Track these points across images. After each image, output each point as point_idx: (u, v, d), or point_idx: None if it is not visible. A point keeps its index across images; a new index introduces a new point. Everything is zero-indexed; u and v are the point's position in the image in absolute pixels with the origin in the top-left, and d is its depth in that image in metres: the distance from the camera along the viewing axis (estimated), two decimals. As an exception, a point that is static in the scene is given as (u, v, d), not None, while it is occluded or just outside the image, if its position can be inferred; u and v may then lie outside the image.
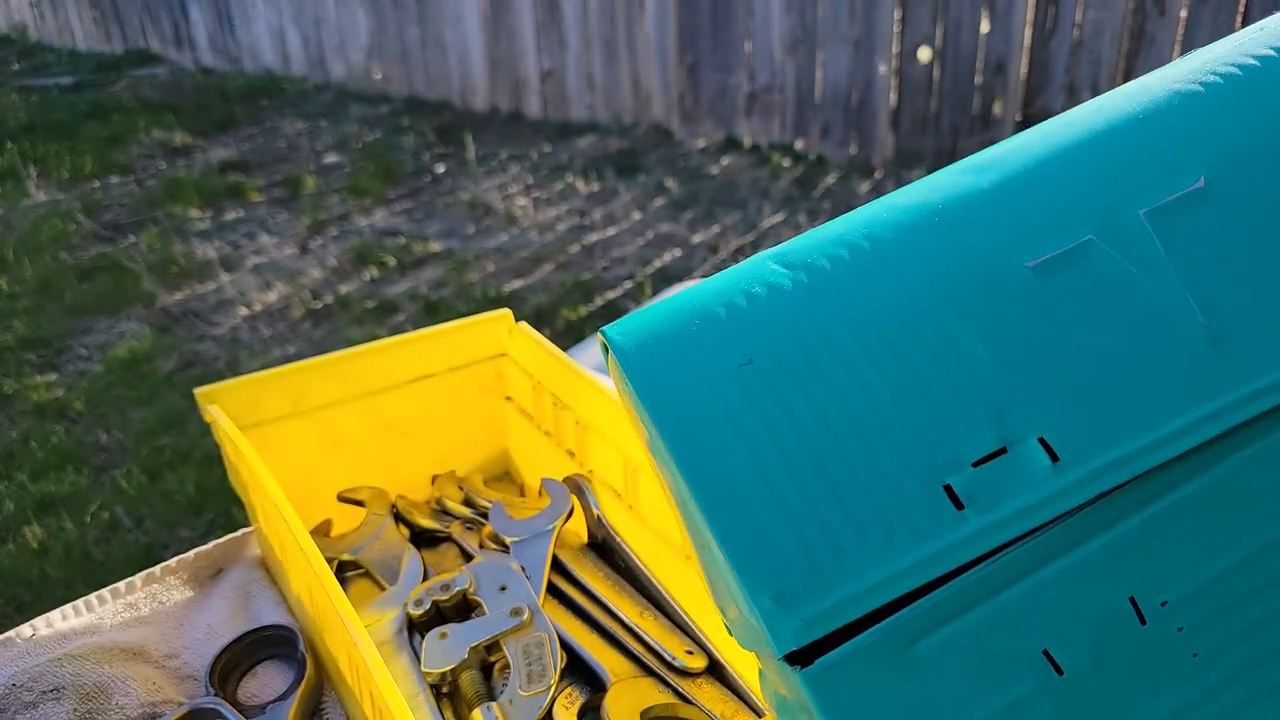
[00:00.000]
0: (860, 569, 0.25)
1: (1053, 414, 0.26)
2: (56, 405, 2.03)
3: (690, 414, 0.28)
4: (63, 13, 5.88)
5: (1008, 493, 0.26)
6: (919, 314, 0.28)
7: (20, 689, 0.46)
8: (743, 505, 0.26)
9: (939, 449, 0.26)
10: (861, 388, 0.27)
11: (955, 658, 0.25)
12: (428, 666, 0.42)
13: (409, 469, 0.59)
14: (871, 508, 0.26)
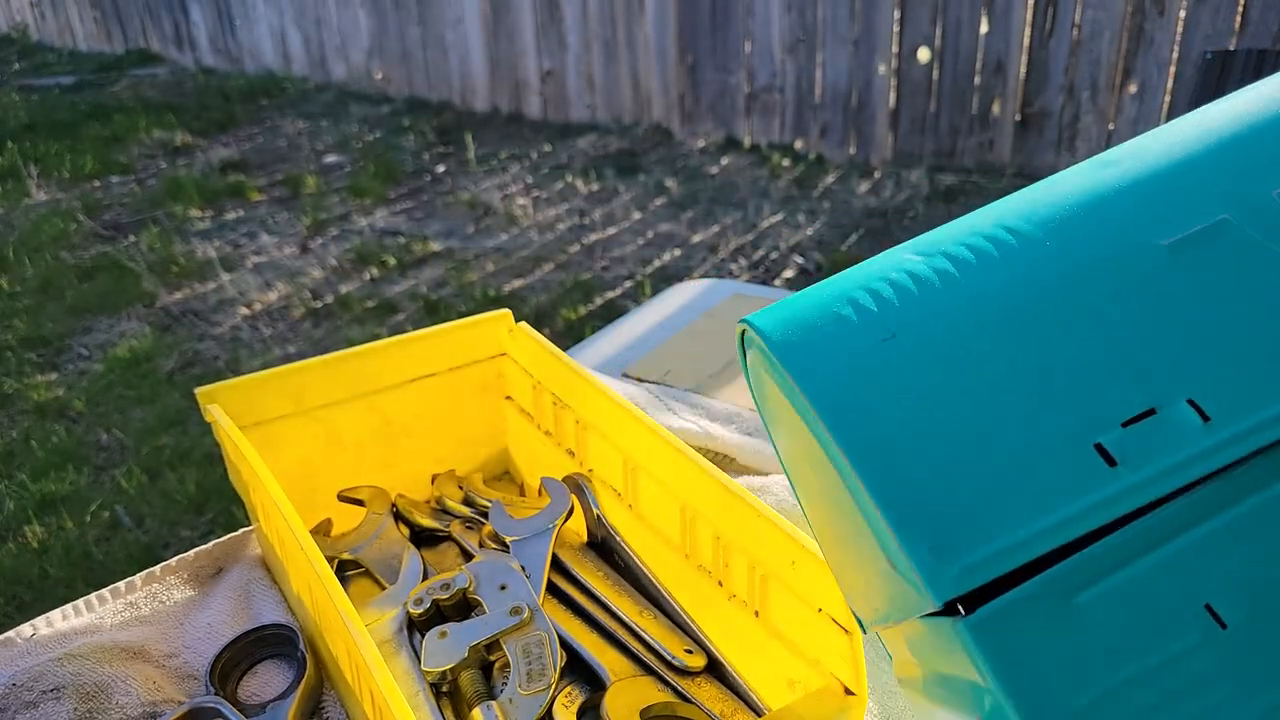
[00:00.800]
0: (1015, 523, 0.26)
1: (1199, 377, 0.27)
2: (57, 404, 2.03)
3: (841, 389, 0.29)
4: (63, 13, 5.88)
5: (1159, 450, 0.26)
6: (1059, 289, 0.29)
7: (21, 688, 0.46)
8: (898, 468, 0.27)
9: (1087, 410, 0.27)
10: (1007, 356, 0.28)
11: (1117, 610, 0.25)
12: (428, 665, 0.42)
13: (409, 468, 0.59)
14: (1023, 466, 0.27)
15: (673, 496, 0.45)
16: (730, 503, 0.41)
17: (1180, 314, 0.28)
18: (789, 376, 0.30)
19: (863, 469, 0.27)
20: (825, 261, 2.48)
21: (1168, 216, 0.30)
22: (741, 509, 0.41)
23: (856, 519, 0.28)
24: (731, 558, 0.42)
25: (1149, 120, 2.73)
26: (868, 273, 0.32)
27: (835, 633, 0.36)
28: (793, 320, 0.31)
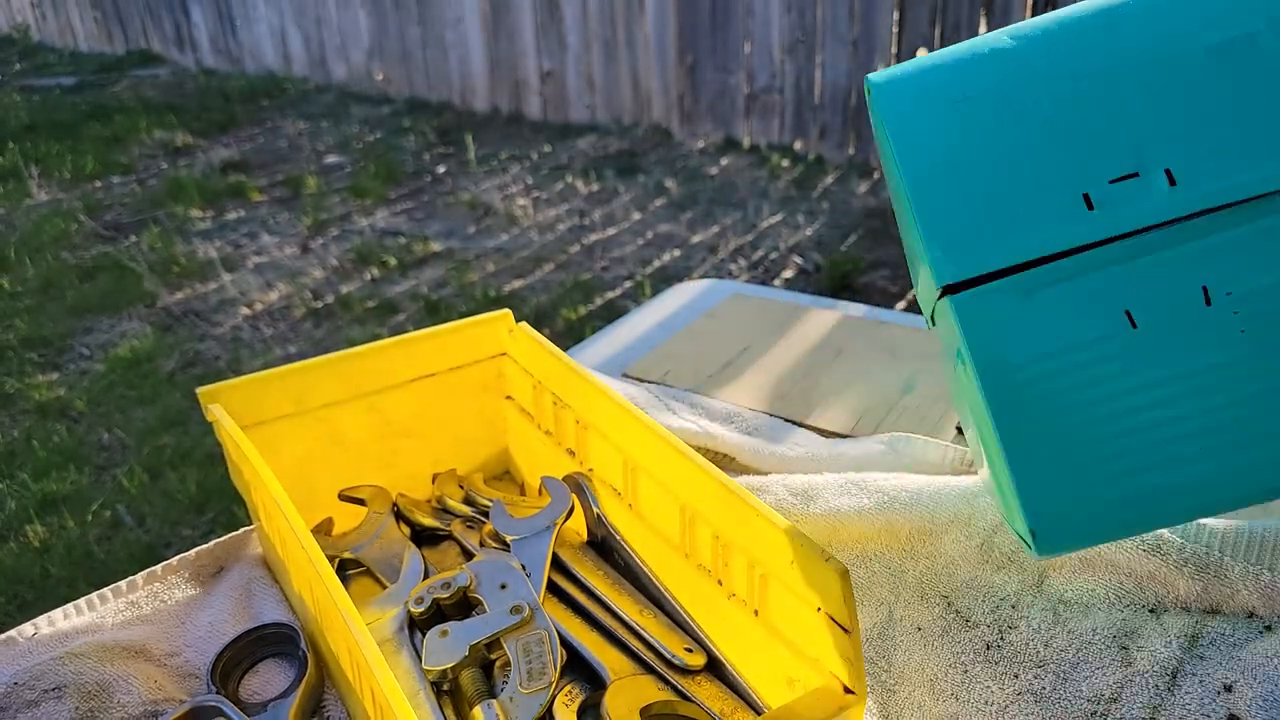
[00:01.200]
0: (1006, 238, 0.36)
1: (1182, 153, 0.35)
2: (58, 404, 2.03)
3: (912, 127, 0.39)
4: (64, 13, 5.88)
5: (1129, 203, 0.35)
6: (1102, 71, 0.37)
7: (22, 687, 0.46)
8: (937, 187, 0.38)
9: (1088, 168, 0.36)
10: (1041, 120, 0.37)
11: (1061, 306, 0.36)
12: (428, 664, 0.42)
13: (410, 468, 0.60)
14: (1026, 201, 0.36)
15: (672, 496, 0.46)
16: (730, 502, 0.41)
17: (1195, 105, 0.35)
18: (878, 112, 0.40)
19: (912, 189, 0.38)
20: (824, 262, 2.48)
21: (1211, 24, 0.36)
22: (741, 508, 0.41)
23: (910, 224, 0.39)
24: (731, 557, 0.42)
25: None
26: (971, 45, 0.40)
27: (835, 632, 0.36)
28: (899, 77, 0.41)
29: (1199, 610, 0.48)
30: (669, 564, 0.48)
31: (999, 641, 0.48)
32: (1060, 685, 0.45)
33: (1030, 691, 0.45)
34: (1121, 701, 0.43)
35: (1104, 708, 0.43)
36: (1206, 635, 0.47)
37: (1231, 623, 0.47)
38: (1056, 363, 0.36)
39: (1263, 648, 0.45)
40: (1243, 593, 0.48)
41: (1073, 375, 0.36)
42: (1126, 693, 0.44)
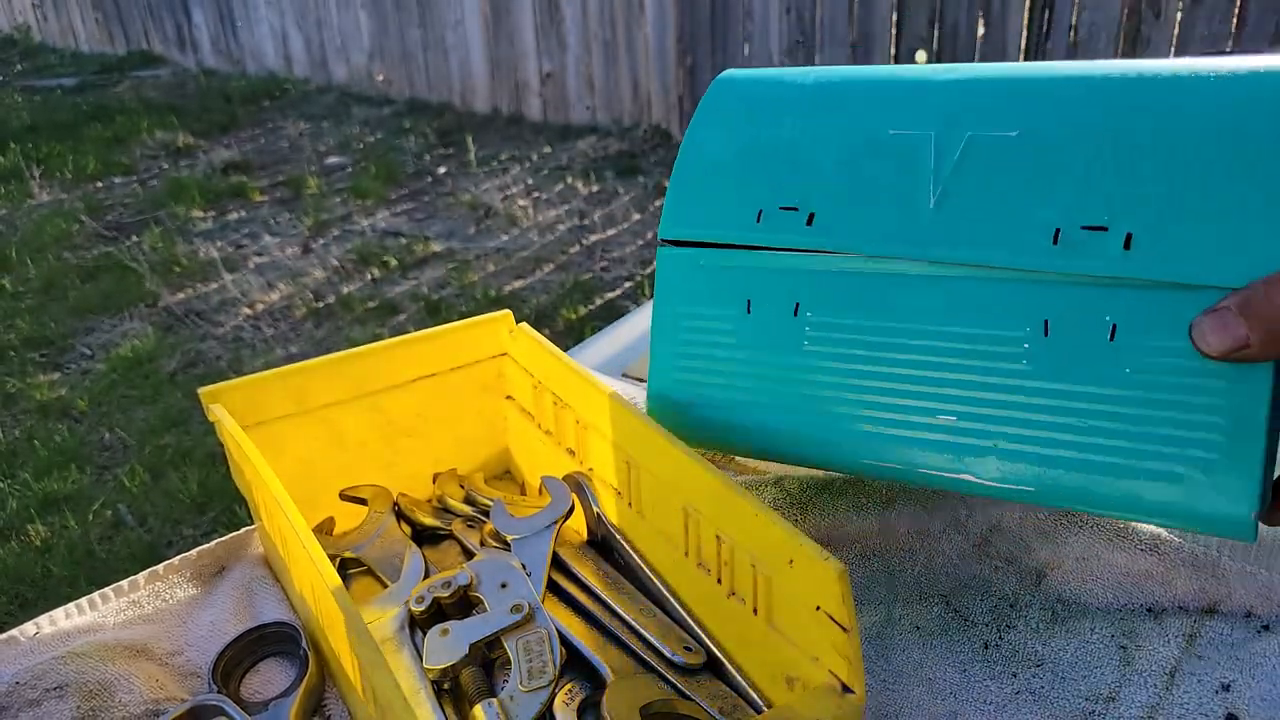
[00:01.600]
0: (702, 223, 0.50)
1: (830, 204, 0.46)
2: (60, 404, 2.03)
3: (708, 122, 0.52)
4: (65, 14, 5.89)
5: (782, 227, 0.47)
6: (824, 124, 0.48)
7: (24, 686, 0.46)
8: (689, 168, 0.51)
9: (774, 193, 0.48)
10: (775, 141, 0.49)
11: (708, 282, 0.50)
12: (429, 663, 0.43)
13: (411, 467, 0.60)
14: (727, 203, 0.49)
15: (672, 495, 0.46)
16: (730, 501, 0.42)
17: (856, 169, 0.46)
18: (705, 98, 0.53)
19: (678, 161, 0.52)
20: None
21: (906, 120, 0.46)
22: (741, 507, 0.41)
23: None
24: (731, 556, 0.43)
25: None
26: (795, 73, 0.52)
27: (834, 631, 0.37)
28: (740, 80, 0.53)
29: (1197, 610, 0.48)
30: (669, 563, 0.48)
31: (997, 641, 0.48)
32: (1058, 684, 0.45)
33: (1028, 690, 0.45)
34: (1120, 701, 0.44)
35: (1102, 707, 0.43)
36: (1204, 635, 0.47)
37: (1229, 622, 0.47)
38: (697, 317, 0.50)
39: (1261, 647, 0.45)
40: (1240, 592, 0.48)
41: (701, 327, 0.50)
42: (1125, 692, 0.44)
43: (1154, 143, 0.39)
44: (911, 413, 0.43)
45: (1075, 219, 0.39)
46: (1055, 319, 0.40)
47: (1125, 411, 0.39)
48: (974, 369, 0.42)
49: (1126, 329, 0.38)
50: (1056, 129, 0.42)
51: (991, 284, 0.41)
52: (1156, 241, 0.37)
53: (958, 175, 0.43)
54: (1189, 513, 0.38)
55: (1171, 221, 0.38)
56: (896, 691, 0.45)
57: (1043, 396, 0.40)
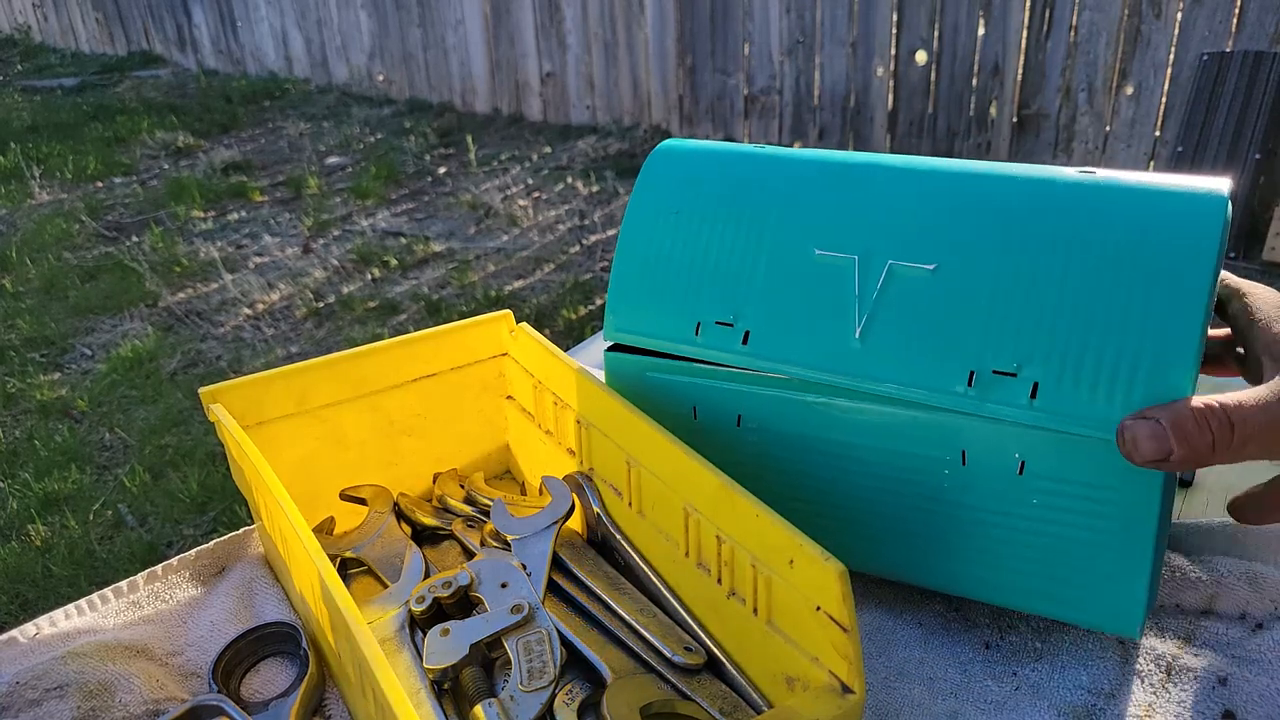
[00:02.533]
0: (645, 331, 0.51)
1: (763, 323, 0.48)
2: (60, 404, 2.03)
3: (642, 212, 0.52)
4: (66, 14, 5.89)
5: (720, 343, 0.49)
6: (755, 234, 0.49)
7: (24, 686, 0.46)
8: (629, 268, 0.52)
9: (711, 306, 0.49)
10: (708, 248, 0.50)
11: (661, 387, 0.52)
12: (429, 663, 0.43)
13: (411, 467, 0.60)
14: (669, 312, 0.50)
15: (673, 495, 0.46)
16: (730, 501, 0.42)
17: (784, 287, 0.48)
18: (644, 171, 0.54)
19: (617, 257, 0.53)
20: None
21: (832, 238, 0.47)
22: (741, 507, 0.41)
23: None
24: (731, 556, 0.43)
25: (1145, 122, 2.74)
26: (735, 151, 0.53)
27: (834, 631, 0.37)
28: (679, 154, 0.54)
29: (1194, 610, 0.48)
30: (669, 563, 0.48)
31: (998, 641, 0.48)
32: (1058, 677, 0.45)
33: (1028, 685, 0.45)
34: (1119, 698, 0.44)
35: (1102, 702, 0.43)
36: (1200, 634, 0.47)
37: (1225, 622, 0.47)
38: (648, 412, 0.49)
39: (1256, 644, 0.45)
40: (1237, 592, 0.48)
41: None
42: (1123, 689, 0.44)
43: (1059, 283, 0.41)
44: (845, 513, 0.48)
45: (987, 362, 0.42)
46: (971, 451, 0.44)
47: (1033, 537, 0.44)
48: (901, 480, 0.46)
49: (1033, 466, 0.42)
50: (971, 264, 0.43)
51: (916, 411, 0.44)
52: (1060, 389, 0.40)
53: (880, 305, 0.45)
54: (1087, 621, 0.45)
55: (1071, 370, 0.40)
56: (897, 691, 0.45)
57: (963, 511, 0.45)
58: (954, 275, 0.43)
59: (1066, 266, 0.41)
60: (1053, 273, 0.41)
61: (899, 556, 0.48)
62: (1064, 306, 0.41)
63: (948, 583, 0.47)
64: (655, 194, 0.52)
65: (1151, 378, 0.39)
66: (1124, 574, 0.42)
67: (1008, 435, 0.42)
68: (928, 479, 0.45)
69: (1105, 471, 0.41)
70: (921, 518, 0.46)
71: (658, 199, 0.52)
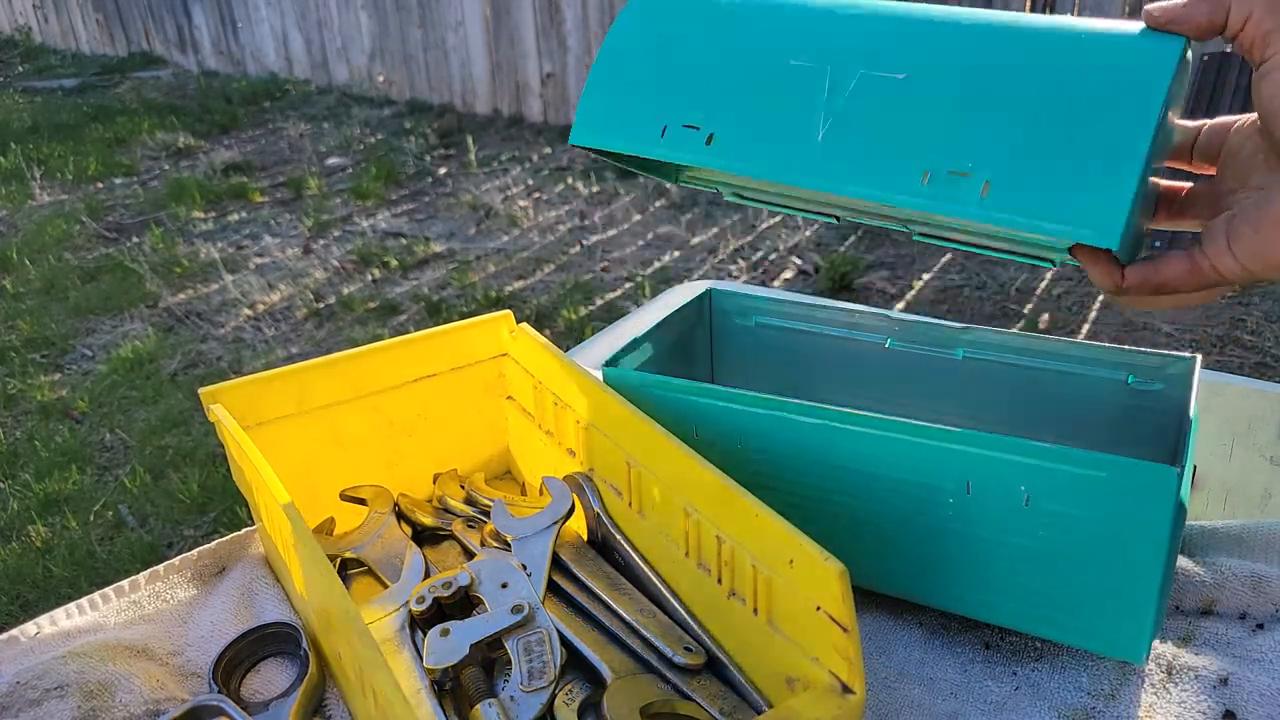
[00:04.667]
0: (614, 133, 0.51)
1: (729, 126, 0.48)
2: (61, 405, 2.03)
3: (625, 32, 0.52)
4: (66, 15, 5.89)
5: (682, 144, 0.48)
6: (733, 46, 0.49)
7: (25, 686, 0.46)
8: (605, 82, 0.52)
9: (677, 110, 0.49)
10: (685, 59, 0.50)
11: (662, 404, 0.52)
12: (429, 663, 0.43)
13: (411, 468, 0.60)
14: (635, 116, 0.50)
15: (673, 495, 0.46)
16: (730, 501, 0.42)
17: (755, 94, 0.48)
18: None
19: (596, 62, 0.52)
20: (823, 263, 2.48)
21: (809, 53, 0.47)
22: (741, 507, 0.41)
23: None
24: (731, 556, 0.43)
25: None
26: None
27: (834, 631, 0.37)
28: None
29: (1194, 611, 0.48)
30: (669, 563, 0.48)
31: (998, 642, 0.48)
32: (1058, 677, 0.45)
33: (1029, 685, 0.45)
34: (1119, 698, 0.44)
35: (1102, 703, 0.43)
36: (1200, 635, 0.47)
37: (1225, 622, 0.47)
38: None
39: (1257, 644, 0.45)
40: (1238, 593, 0.48)
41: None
42: (1124, 690, 0.44)
43: (1017, 100, 0.43)
44: (846, 535, 0.48)
45: (943, 163, 0.43)
46: (976, 481, 0.45)
47: (1037, 567, 0.44)
48: (904, 507, 0.47)
49: (1039, 499, 0.43)
50: (939, 76, 0.45)
51: (922, 441, 0.45)
52: (1009, 189, 0.41)
53: (847, 110, 0.46)
54: (1091, 646, 0.45)
55: (1021, 173, 0.41)
56: (897, 691, 0.45)
57: (966, 539, 0.45)
58: (922, 83, 0.45)
59: (1027, 86, 0.43)
60: (1013, 91, 0.43)
61: (900, 577, 0.49)
62: (1020, 120, 0.42)
63: (949, 603, 0.48)
64: (641, 11, 0.53)
65: (1099, 180, 0.39)
66: (1131, 606, 0.42)
67: (1013, 468, 0.43)
68: (931, 507, 0.46)
69: (1114, 507, 0.41)
70: (924, 543, 0.47)
71: (643, 14, 0.53)
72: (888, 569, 0.49)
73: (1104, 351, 0.53)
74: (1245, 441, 0.64)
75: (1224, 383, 0.70)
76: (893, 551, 0.48)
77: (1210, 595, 0.48)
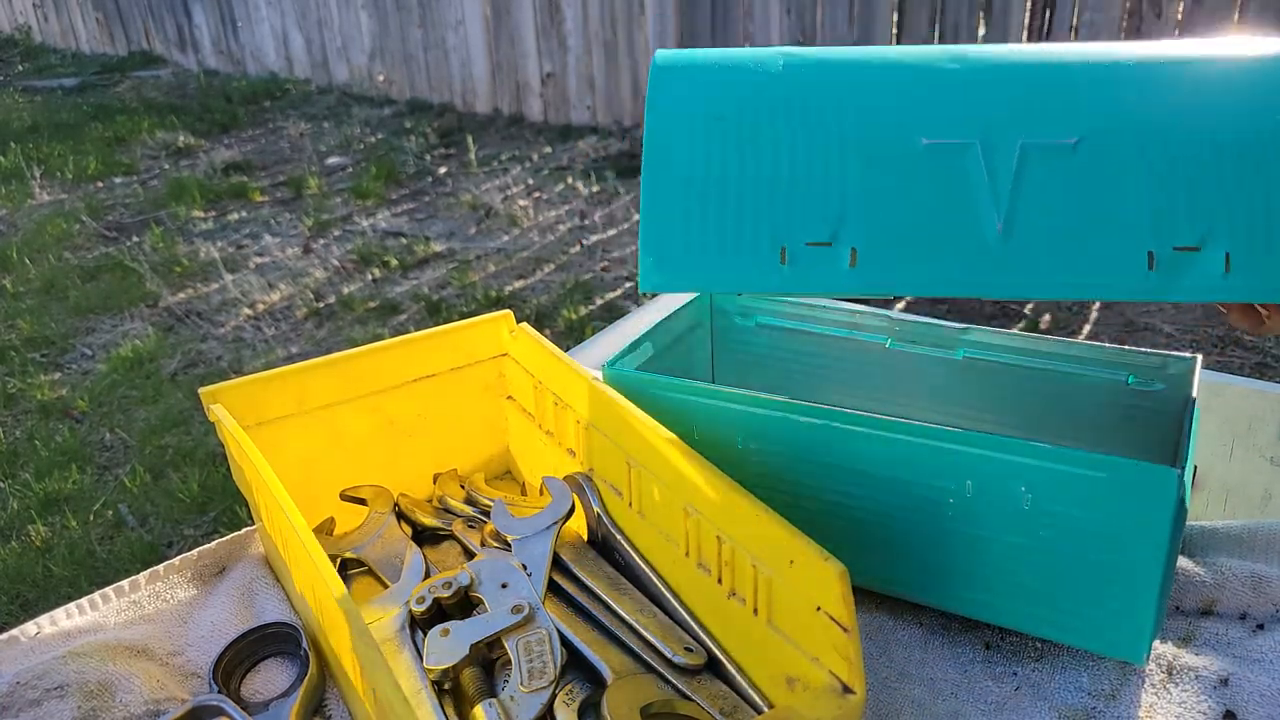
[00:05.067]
0: (710, 271, 0.41)
1: (874, 235, 0.39)
2: (61, 404, 2.03)
3: (667, 134, 0.42)
4: (66, 14, 5.89)
5: (816, 270, 0.39)
6: (834, 131, 0.39)
7: (25, 686, 0.46)
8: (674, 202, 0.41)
9: (792, 225, 0.39)
10: (775, 157, 0.40)
11: (660, 405, 0.51)
12: (429, 663, 0.43)
13: (411, 468, 0.60)
14: (735, 241, 0.40)
15: (673, 495, 0.46)
16: (731, 501, 0.42)
17: (895, 189, 0.39)
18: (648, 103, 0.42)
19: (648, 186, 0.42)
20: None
21: (942, 124, 0.39)
22: (742, 508, 0.41)
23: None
24: (732, 556, 0.43)
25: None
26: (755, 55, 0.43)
27: (834, 631, 0.37)
28: (683, 64, 0.43)
29: (1194, 611, 0.48)
30: (669, 563, 0.48)
31: (999, 642, 0.48)
32: (1059, 677, 0.45)
33: (1029, 685, 0.45)
34: (1120, 698, 0.44)
35: (1103, 704, 0.43)
36: (1201, 635, 0.47)
37: (1225, 623, 0.47)
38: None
39: (1257, 645, 0.45)
40: (1239, 593, 0.48)
41: None
42: (1124, 690, 0.44)
43: (1219, 143, 0.35)
44: (845, 535, 0.48)
45: (1164, 239, 0.36)
46: (977, 482, 0.44)
47: (1038, 568, 0.44)
48: (904, 507, 0.46)
49: (1041, 500, 0.43)
50: (1113, 133, 0.36)
51: (923, 442, 0.44)
52: (1254, 257, 0.34)
53: (1019, 192, 0.37)
54: (1091, 646, 0.45)
55: (1264, 233, 0.34)
56: (897, 691, 0.45)
57: (966, 539, 0.45)
58: (1097, 151, 0.36)
59: (1222, 129, 0.35)
60: (1212, 138, 0.35)
61: (901, 577, 0.48)
62: (1239, 171, 0.34)
63: (950, 604, 0.48)
64: (679, 105, 0.41)
65: None
66: (1132, 607, 0.42)
67: (1014, 468, 0.42)
68: (931, 507, 0.45)
69: (1116, 509, 0.41)
70: (924, 543, 0.46)
71: (684, 109, 0.41)
72: (888, 569, 0.48)
73: (1104, 352, 0.53)
74: (1245, 442, 0.64)
75: (1224, 383, 0.70)
76: (893, 552, 0.48)
77: (1210, 595, 0.48)
